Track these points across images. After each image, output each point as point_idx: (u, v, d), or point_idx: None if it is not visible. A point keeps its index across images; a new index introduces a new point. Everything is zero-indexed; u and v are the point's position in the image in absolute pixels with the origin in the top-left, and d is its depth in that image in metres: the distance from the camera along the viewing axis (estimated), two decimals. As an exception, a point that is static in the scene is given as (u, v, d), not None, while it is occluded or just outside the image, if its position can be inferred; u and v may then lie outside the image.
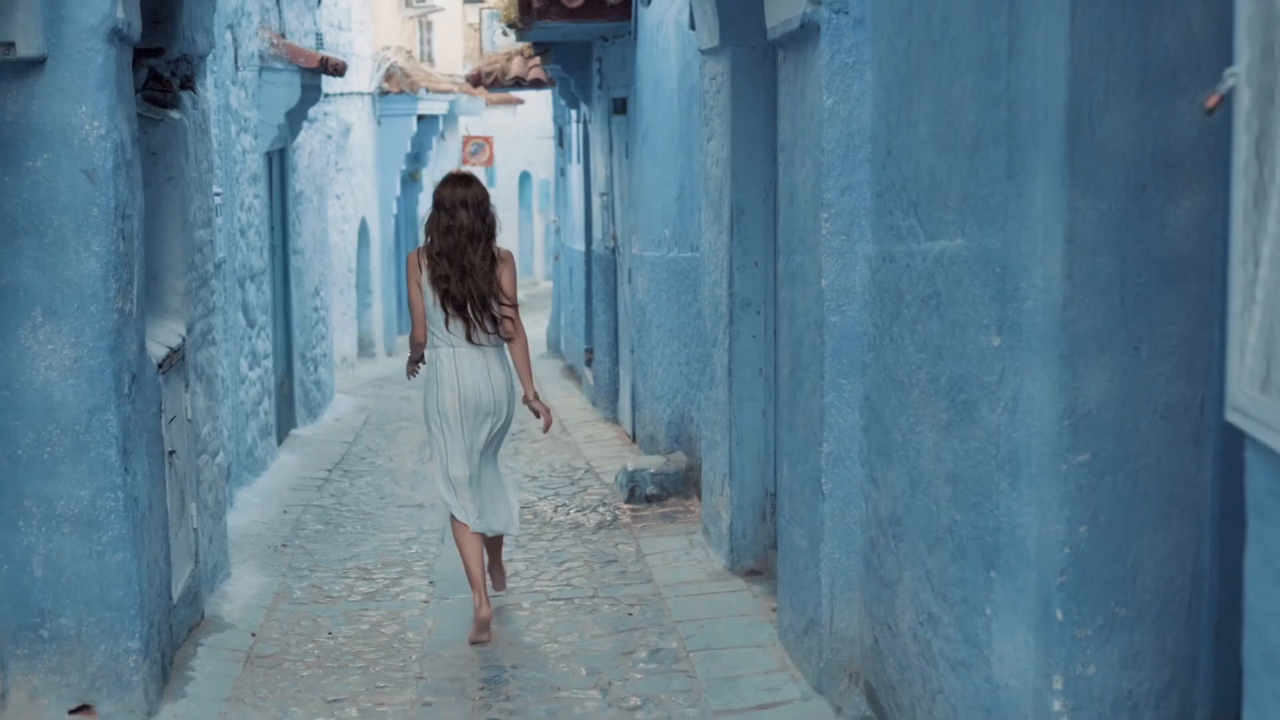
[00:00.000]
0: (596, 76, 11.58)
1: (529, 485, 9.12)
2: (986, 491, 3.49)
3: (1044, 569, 3.23)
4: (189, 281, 5.93)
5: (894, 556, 4.22)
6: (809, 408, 4.80)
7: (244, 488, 8.82)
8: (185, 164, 5.88)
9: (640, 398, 10.05)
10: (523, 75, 15.61)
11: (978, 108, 3.50)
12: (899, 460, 4.14)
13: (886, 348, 4.25)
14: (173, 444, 5.28)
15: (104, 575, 4.38)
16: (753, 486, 6.46)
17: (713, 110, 6.66)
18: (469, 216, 5.68)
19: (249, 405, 9.16)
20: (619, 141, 10.75)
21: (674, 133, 8.49)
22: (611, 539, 7.42)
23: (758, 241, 6.35)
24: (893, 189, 4.22)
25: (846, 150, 4.53)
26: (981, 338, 3.48)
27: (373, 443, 11.14)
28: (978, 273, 3.50)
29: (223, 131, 8.47)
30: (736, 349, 6.41)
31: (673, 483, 8.17)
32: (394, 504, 8.68)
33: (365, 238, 17.80)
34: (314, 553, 7.36)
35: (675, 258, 8.52)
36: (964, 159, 3.58)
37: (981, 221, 3.49)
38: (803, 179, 4.85)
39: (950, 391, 3.67)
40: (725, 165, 6.42)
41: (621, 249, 10.85)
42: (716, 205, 6.59)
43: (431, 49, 22.75)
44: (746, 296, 6.38)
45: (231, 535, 7.52)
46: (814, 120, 4.67)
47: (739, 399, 6.42)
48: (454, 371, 5.73)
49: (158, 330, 5.42)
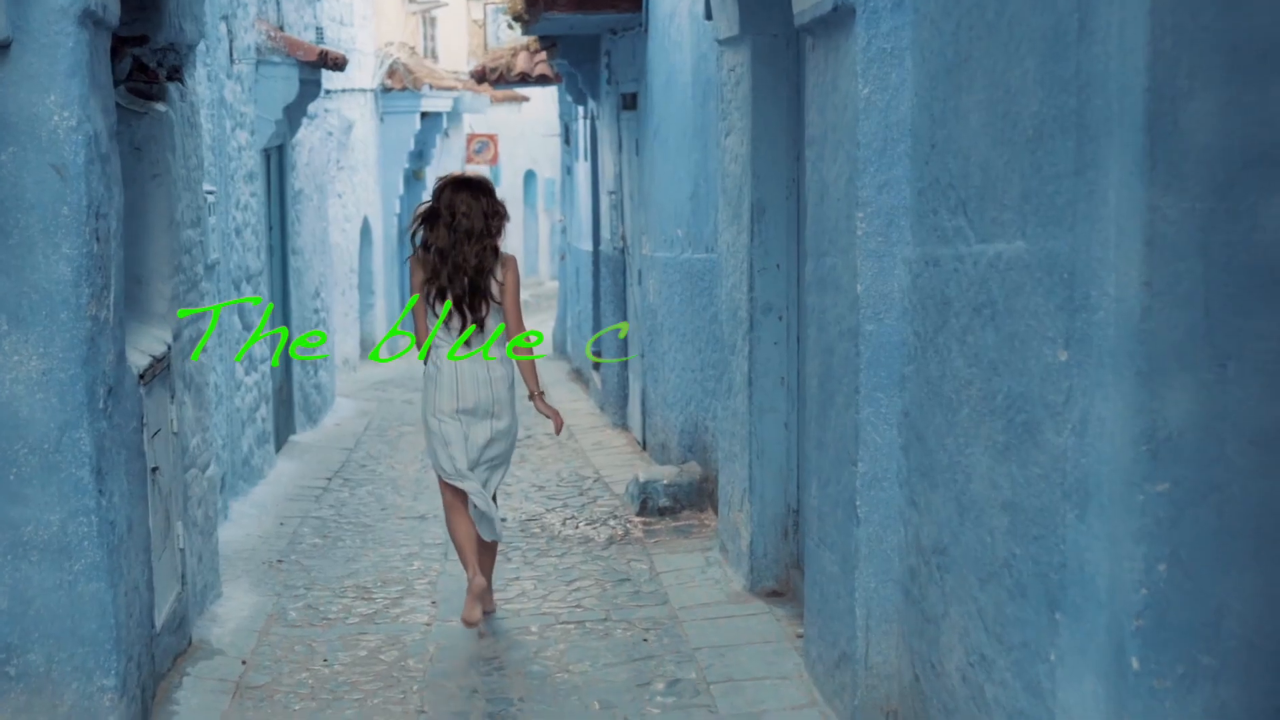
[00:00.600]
0: (605, 71, 11.22)
1: (535, 496, 8.76)
2: (1051, 523, 3.12)
3: (1117, 611, 2.87)
4: (176, 285, 5.58)
5: (938, 589, 3.85)
6: (841, 423, 4.44)
7: (239, 498, 8.47)
8: (172, 160, 5.52)
9: (651, 404, 9.69)
10: (528, 71, 15.26)
11: (1042, 94, 3.13)
12: (945, 484, 3.77)
13: (930, 360, 3.89)
14: (156, 460, 4.92)
15: (76, 607, 4.02)
16: (774, 502, 6.10)
17: (731, 104, 6.29)
18: (469, 217, 5.61)
19: (245, 412, 8.80)
20: (628, 138, 10.38)
21: (688, 128, 8.13)
22: (623, 555, 7.05)
23: (780, 242, 5.99)
24: (937, 186, 3.86)
25: (884, 144, 4.16)
26: (1045, 352, 3.12)
27: (374, 449, 10.78)
28: (1041, 279, 3.13)
29: (216, 127, 8.12)
30: (757, 356, 6.04)
31: (687, 494, 7.81)
32: (395, 515, 8.32)
33: (368, 237, 17.44)
34: (310, 569, 6.99)
35: (689, 259, 8.16)
36: (1025, 152, 3.22)
37: (1046, 222, 3.12)
38: (834, 176, 4.48)
39: (1008, 411, 3.30)
40: (745, 161, 6.05)
41: (631, 249, 10.49)
42: (735, 204, 6.23)
43: (435, 45, 22.41)
44: (768, 301, 6.01)
45: (225, 550, 7.17)
46: (847, 112, 4.30)
47: (759, 409, 6.06)
48: (453, 374, 5.66)
49: (140, 338, 5.07)
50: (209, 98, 7.91)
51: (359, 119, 16.63)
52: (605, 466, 9.60)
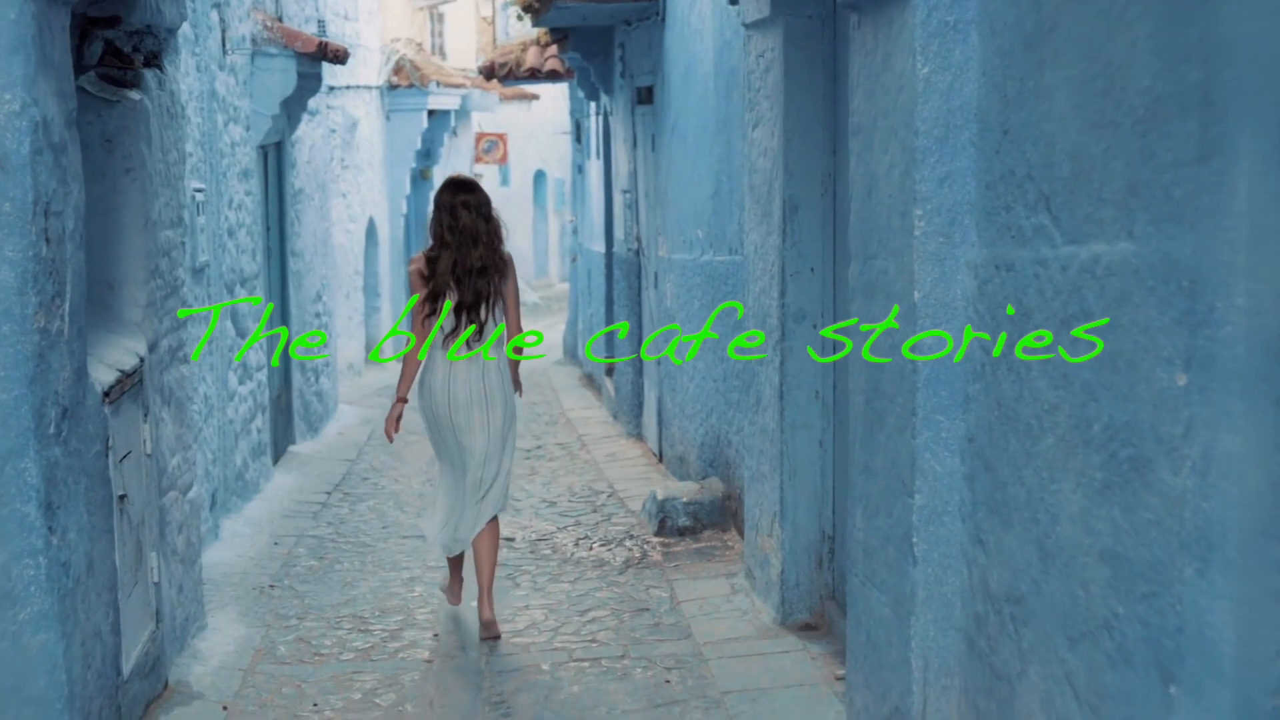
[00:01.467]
0: (619, 64, 10.71)
1: (546, 512, 8.25)
2: (1164, 579, 2.61)
3: (1247, 686, 2.38)
4: (152, 290, 5.07)
5: (1013, 643, 3.33)
6: (894, 448, 3.92)
7: (232, 515, 7.97)
8: (147, 153, 5.02)
9: (668, 414, 9.17)
10: (538, 66, 14.76)
11: (1155, 66, 2.61)
12: (1023, 523, 3.25)
13: (1002, 379, 3.37)
14: (124, 486, 4.41)
15: (21, 662, 3.51)
16: (808, 528, 5.58)
17: (759, 93, 5.78)
18: (471, 218, 5.69)
19: (239, 424, 8.30)
20: (644, 134, 9.87)
21: (709, 122, 7.61)
22: (641, 581, 6.54)
23: (814, 243, 5.48)
24: (1011, 178, 3.34)
25: (946, 131, 3.64)
26: (1159, 374, 2.60)
27: (377, 460, 10.28)
28: (1154, 288, 2.62)
29: (207, 121, 7.62)
30: (789, 368, 5.53)
31: (708, 513, 7.30)
32: (396, 534, 7.82)
33: (373, 238, 16.93)
34: (304, 595, 6.49)
35: (710, 261, 7.64)
36: (1132, 136, 2.70)
37: (1159, 219, 2.61)
38: (885, 168, 3.97)
39: (1109, 443, 2.78)
40: (776, 155, 5.54)
41: (646, 251, 9.97)
42: (765, 202, 5.72)
43: (443, 42, 21.92)
44: (801, 308, 5.50)
45: (213, 574, 6.68)
46: (903, 96, 3.79)
47: (792, 426, 5.55)
48: (447, 376, 5.74)
49: (109, 350, 4.56)
50: (199, 89, 7.42)
51: (364, 117, 16.14)
52: (620, 480, 9.10)
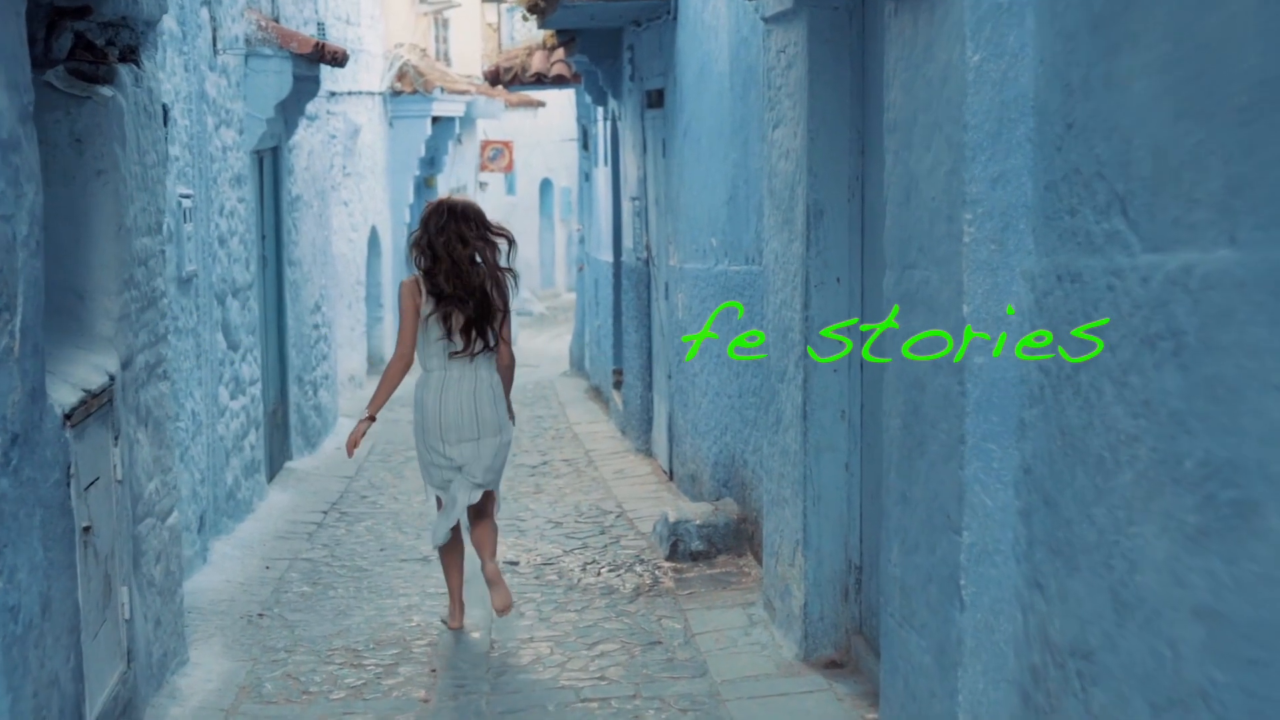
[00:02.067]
0: (628, 67, 10.34)
1: (552, 534, 7.87)
2: (1275, 644, 2.23)
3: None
4: (126, 302, 4.70)
5: (1079, 703, 2.94)
6: (938, 478, 3.54)
7: (222, 537, 7.60)
8: (121, 154, 4.65)
9: (679, 430, 8.79)
10: (544, 71, 14.41)
11: (1261, 47, 2.24)
12: (1093, 568, 2.86)
13: (1067, 404, 2.99)
14: (90, 517, 4.04)
15: (-38, 720, 3.14)
16: (833, 556, 5.20)
17: (780, 91, 5.41)
18: (472, 234, 5.72)
19: (230, 441, 7.93)
20: (654, 139, 9.50)
21: (724, 124, 7.24)
22: (653, 610, 6.15)
23: (840, 252, 5.09)
24: (1076, 178, 2.96)
25: (999, 126, 3.27)
26: (1270, 405, 2.22)
27: (376, 477, 9.90)
28: (1263, 303, 2.24)
29: (196, 124, 7.26)
30: (813, 386, 5.14)
31: (722, 537, 6.91)
32: (395, 557, 7.43)
33: (376, 247, 16.56)
34: (295, 625, 6.11)
35: (725, 271, 7.26)
36: (1231, 127, 2.32)
37: (1269, 223, 2.23)
38: (927, 168, 3.59)
39: (1204, 482, 2.40)
40: (799, 157, 5.16)
41: (656, 260, 9.59)
42: (786, 207, 5.34)
43: (448, 48, 21.55)
44: (826, 321, 5.11)
45: (199, 601, 6.31)
46: (949, 87, 3.41)
47: (816, 448, 5.16)
48: (439, 392, 5.72)
49: (75, 368, 4.19)
50: (186, 90, 7.05)
51: (366, 123, 15.77)
52: (629, 499, 8.71)
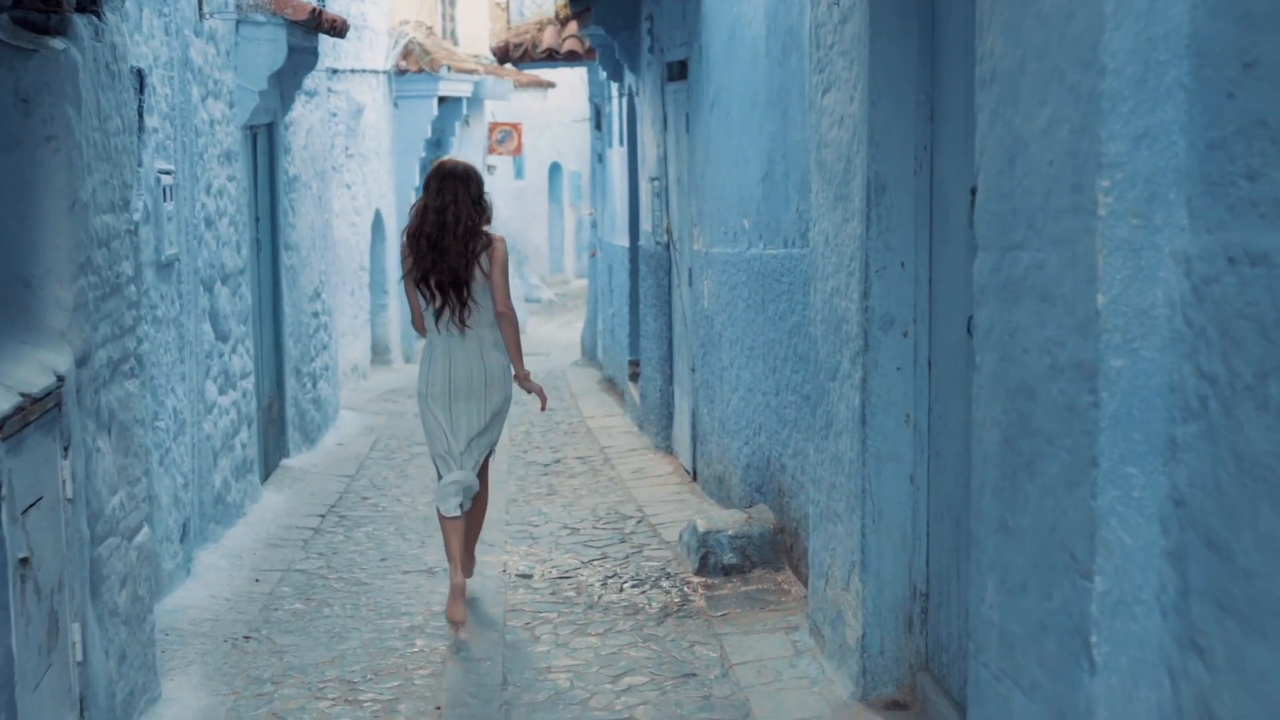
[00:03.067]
0: (646, 38, 9.67)
1: (567, 541, 7.23)
2: None
3: None
4: (82, 289, 4.06)
5: (1262, 804, 2.30)
6: (1057, 506, 2.88)
7: (209, 546, 6.97)
8: (75, 117, 4.00)
9: (704, 428, 8.14)
10: (556, 47, 13.78)
11: None
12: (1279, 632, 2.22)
13: (1244, 420, 2.33)
14: (28, 546, 3.39)
15: None
16: (895, 581, 4.55)
17: (833, 49, 4.75)
18: (450, 197, 5.70)
19: (218, 440, 7.29)
20: (676, 114, 8.83)
21: (758, 94, 6.58)
22: (683, 634, 5.51)
23: (906, 232, 4.44)
24: (1260, 132, 2.30)
25: (1145, 70, 2.60)
26: None
27: (379, 476, 9.26)
28: None
29: (179, 93, 6.61)
30: (873, 386, 4.49)
31: (758, 549, 6.26)
32: (397, 568, 6.80)
33: (380, 231, 15.90)
34: (285, 651, 5.47)
35: (759, 255, 6.61)
36: None
37: None
38: (1041, 126, 2.93)
39: None
40: (856, 124, 4.51)
41: (679, 244, 8.93)
42: (840, 182, 4.69)
43: (455, 27, 20.86)
44: (889, 312, 4.46)
45: (179, 621, 5.71)
46: (1076, 23, 2.75)
47: (877, 456, 4.51)
48: (446, 354, 5.79)
49: (15, 367, 3.55)
50: (167, 55, 6.40)
51: (370, 103, 15.12)
52: (650, 502, 8.07)
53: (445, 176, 5.76)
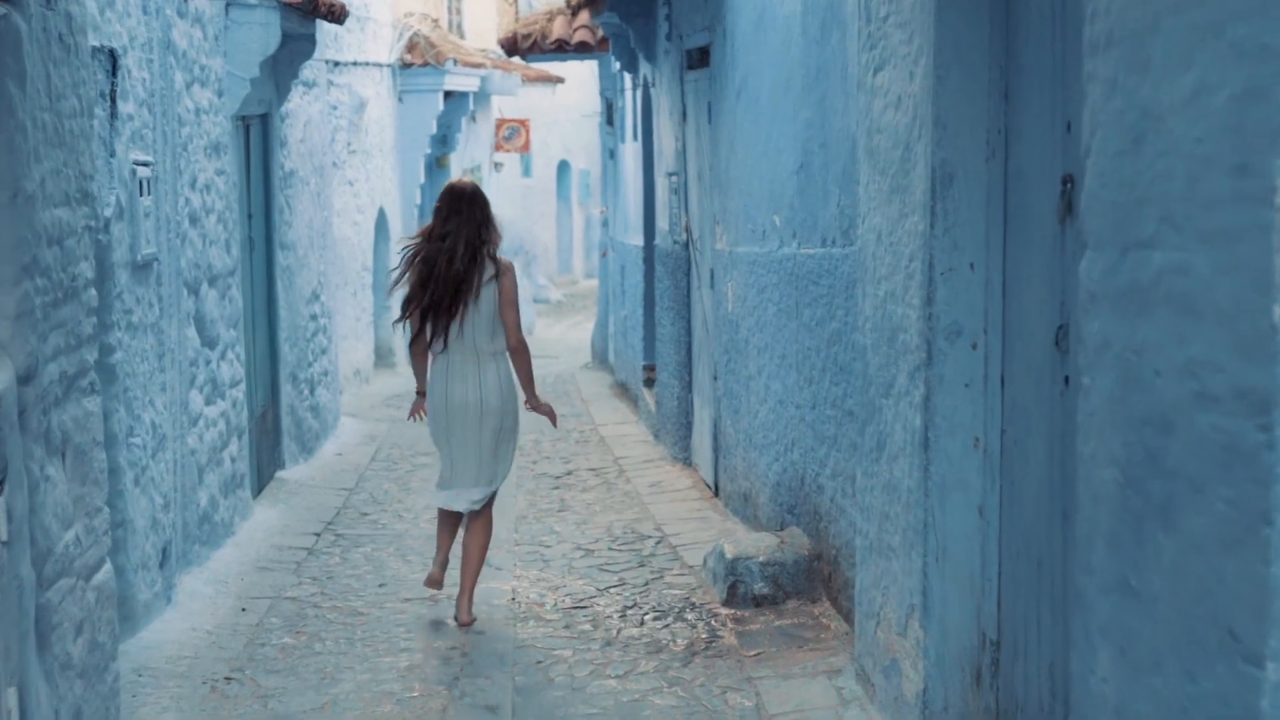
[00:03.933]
0: (664, 24, 9.11)
1: (581, 565, 6.68)
2: None
3: None
4: (27, 295, 3.50)
5: None
6: (1208, 569, 2.32)
7: (193, 570, 6.42)
8: (19, 95, 3.45)
9: (727, 440, 7.58)
10: (566, 38, 13.19)
11: None
12: None
13: None
14: (-53, 603, 2.84)
15: None
16: (961, 629, 3.98)
17: (888, 21, 4.19)
18: (454, 225, 5.71)
19: (204, 454, 6.74)
20: (696, 104, 8.27)
21: (793, 78, 6.01)
22: (714, 678, 4.94)
23: (976, 229, 3.87)
24: None
25: (1338, 18, 2.05)
26: None
27: (379, 489, 8.70)
28: None
29: (159, 78, 6.06)
30: (937, 405, 3.92)
31: (791, 578, 5.70)
32: (396, 595, 6.24)
33: (383, 230, 15.34)
34: (269, 695, 4.92)
35: (792, 255, 6.05)
36: None
37: None
38: (1184, 96, 2.36)
39: None
40: (918, 104, 3.94)
41: (699, 243, 8.37)
42: (897, 171, 4.12)
43: (461, 20, 20.33)
44: (956, 320, 3.89)
45: (154, 658, 5.19)
46: (1237, -38, 2.19)
47: (941, 486, 3.95)
48: (445, 376, 5.82)
49: (-64, 386, 2.99)
50: (145, 36, 5.85)
51: (373, 97, 14.57)
52: (669, 520, 7.51)
53: (455, 198, 5.83)
